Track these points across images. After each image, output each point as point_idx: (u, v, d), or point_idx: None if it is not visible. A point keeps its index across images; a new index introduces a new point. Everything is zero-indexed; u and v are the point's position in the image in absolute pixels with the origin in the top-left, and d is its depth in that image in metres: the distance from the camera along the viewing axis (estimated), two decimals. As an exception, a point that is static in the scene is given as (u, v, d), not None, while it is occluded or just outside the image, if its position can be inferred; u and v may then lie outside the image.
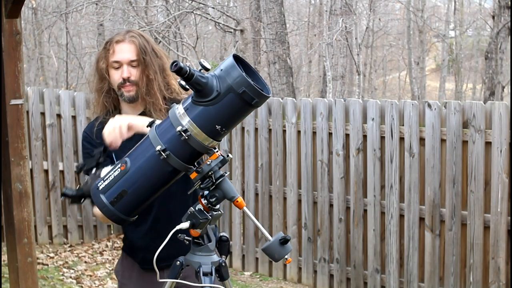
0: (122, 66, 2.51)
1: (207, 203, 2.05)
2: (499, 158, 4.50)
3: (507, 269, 4.54)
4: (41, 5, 14.55)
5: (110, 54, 2.53)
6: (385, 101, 5.12)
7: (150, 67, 2.53)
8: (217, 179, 2.02)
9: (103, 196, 2.08)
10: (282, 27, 9.67)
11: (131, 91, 2.51)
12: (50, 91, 6.64)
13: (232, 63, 1.92)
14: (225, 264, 2.16)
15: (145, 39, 2.55)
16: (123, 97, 2.54)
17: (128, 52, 2.52)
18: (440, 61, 23.83)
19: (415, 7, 19.22)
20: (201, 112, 1.94)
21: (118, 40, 2.54)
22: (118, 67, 2.52)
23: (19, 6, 3.71)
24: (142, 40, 2.54)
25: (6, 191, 3.89)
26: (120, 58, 2.51)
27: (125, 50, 2.52)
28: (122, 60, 2.51)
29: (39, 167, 6.50)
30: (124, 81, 2.50)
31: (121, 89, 2.53)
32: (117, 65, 2.52)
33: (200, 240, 2.11)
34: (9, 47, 3.75)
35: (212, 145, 2.01)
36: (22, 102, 3.82)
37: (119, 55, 2.52)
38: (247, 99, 1.90)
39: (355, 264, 5.27)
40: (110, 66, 2.54)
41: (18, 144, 3.82)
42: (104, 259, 6.31)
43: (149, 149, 2.02)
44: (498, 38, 9.96)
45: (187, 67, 1.90)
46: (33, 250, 3.95)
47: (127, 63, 2.51)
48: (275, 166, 5.67)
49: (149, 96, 2.51)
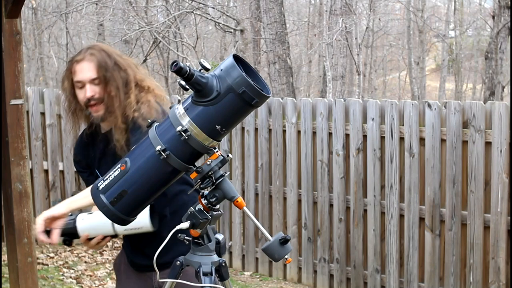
0: (85, 85, 2.50)
1: (207, 203, 2.04)
2: (499, 158, 4.50)
3: (507, 269, 4.54)
4: (41, 5, 14.55)
5: (72, 74, 2.53)
6: (385, 101, 5.12)
7: (112, 83, 2.49)
8: (217, 179, 2.02)
9: (103, 196, 2.08)
10: (282, 27, 9.68)
11: (99, 111, 2.50)
12: (50, 91, 6.64)
13: (232, 63, 1.92)
14: (225, 264, 2.16)
15: (107, 54, 2.52)
16: (91, 117, 2.54)
17: (88, 71, 2.50)
18: (440, 61, 23.83)
19: (415, 7, 19.22)
20: (201, 112, 1.94)
21: (78, 60, 2.53)
22: (81, 86, 2.51)
23: (19, 6, 3.71)
24: (103, 55, 2.51)
25: (6, 191, 3.89)
26: (81, 78, 2.50)
27: (85, 69, 2.50)
28: (83, 79, 2.50)
29: (39, 167, 6.50)
30: (88, 100, 2.49)
31: (88, 109, 2.52)
32: (80, 84, 2.51)
33: (200, 240, 2.11)
34: (9, 47, 3.75)
35: (212, 145, 2.00)
36: (22, 102, 3.82)
37: (80, 74, 2.51)
38: (247, 99, 1.90)
39: (355, 264, 5.27)
40: (76, 87, 2.53)
41: (18, 144, 3.82)
42: (104, 259, 6.31)
43: (149, 149, 2.02)
44: (498, 38, 9.96)
45: (187, 67, 1.90)
46: (33, 250, 3.95)
47: (89, 82, 2.49)
48: (275, 166, 5.67)
49: (109, 114, 2.49)
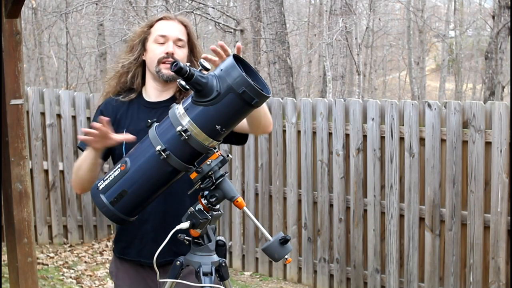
0: (167, 41, 2.42)
1: (207, 203, 2.05)
2: (499, 158, 4.50)
3: (507, 269, 4.54)
4: (41, 5, 14.54)
5: (156, 29, 2.44)
6: (385, 101, 5.12)
7: (195, 53, 2.45)
8: (217, 179, 2.02)
9: (103, 196, 2.08)
10: (282, 27, 9.67)
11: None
12: (50, 91, 6.64)
13: (232, 63, 1.92)
14: (225, 264, 2.16)
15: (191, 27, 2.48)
16: (160, 74, 2.41)
17: (178, 30, 2.44)
18: (440, 61, 23.82)
19: (415, 7, 19.21)
20: (201, 112, 1.94)
21: (166, 18, 2.47)
22: (163, 42, 2.43)
23: (19, 6, 3.71)
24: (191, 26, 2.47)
25: (6, 191, 3.89)
26: (168, 33, 2.43)
27: (175, 28, 2.44)
28: (170, 35, 2.43)
29: (39, 167, 6.50)
30: (167, 55, 2.39)
31: (159, 65, 2.41)
32: (162, 39, 2.43)
33: (200, 240, 2.11)
34: (9, 47, 3.75)
35: (212, 145, 2.01)
36: (22, 102, 3.82)
37: (167, 30, 2.43)
38: (247, 99, 1.90)
39: (355, 264, 5.27)
40: (154, 41, 2.44)
41: (18, 144, 3.82)
42: (104, 259, 6.31)
43: (149, 149, 2.02)
44: (498, 38, 9.95)
45: (187, 67, 1.90)
46: (33, 250, 3.95)
47: (174, 40, 2.43)
48: (275, 166, 5.67)
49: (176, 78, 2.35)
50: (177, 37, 2.43)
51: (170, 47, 2.41)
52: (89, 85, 14.84)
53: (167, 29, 2.44)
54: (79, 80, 15.12)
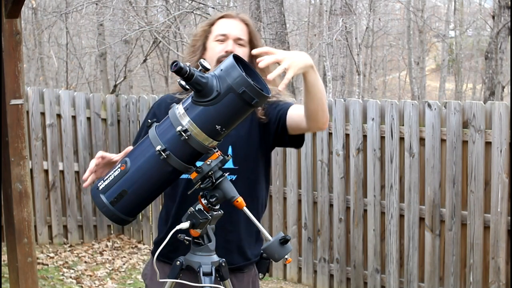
0: (227, 40, 2.39)
1: (207, 203, 2.04)
2: (499, 158, 4.50)
3: (507, 269, 4.54)
4: (41, 5, 14.55)
5: (216, 27, 2.41)
6: (385, 101, 5.12)
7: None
8: (217, 179, 2.02)
9: (103, 196, 2.08)
10: (282, 27, 9.66)
11: None
12: (50, 91, 6.65)
13: (232, 63, 1.92)
14: (225, 264, 2.16)
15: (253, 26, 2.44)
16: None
17: (238, 29, 2.41)
18: (440, 61, 23.82)
19: (415, 7, 19.22)
20: (201, 112, 1.94)
21: (228, 16, 2.44)
22: (223, 40, 2.40)
23: (19, 6, 3.72)
24: (253, 25, 2.43)
25: (6, 191, 3.89)
26: (228, 31, 2.39)
27: (236, 27, 2.41)
28: (230, 34, 2.39)
29: (39, 167, 6.50)
30: (226, 54, 2.32)
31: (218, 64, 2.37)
32: (222, 37, 2.39)
33: (200, 240, 2.11)
34: (9, 47, 3.75)
35: (212, 145, 2.00)
36: (22, 102, 3.82)
37: (228, 29, 2.40)
38: (247, 99, 1.90)
39: (355, 264, 5.27)
40: (214, 40, 2.41)
41: (18, 144, 3.82)
42: (104, 259, 6.30)
43: (149, 149, 2.02)
44: (498, 38, 9.95)
45: (187, 67, 1.90)
46: (33, 250, 3.95)
47: (234, 39, 2.39)
48: (275, 166, 5.66)
49: None
50: (237, 36, 2.40)
51: (230, 46, 2.38)
52: (89, 85, 14.85)
53: (228, 28, 2.41)
54: (79, 80, 15.13)
